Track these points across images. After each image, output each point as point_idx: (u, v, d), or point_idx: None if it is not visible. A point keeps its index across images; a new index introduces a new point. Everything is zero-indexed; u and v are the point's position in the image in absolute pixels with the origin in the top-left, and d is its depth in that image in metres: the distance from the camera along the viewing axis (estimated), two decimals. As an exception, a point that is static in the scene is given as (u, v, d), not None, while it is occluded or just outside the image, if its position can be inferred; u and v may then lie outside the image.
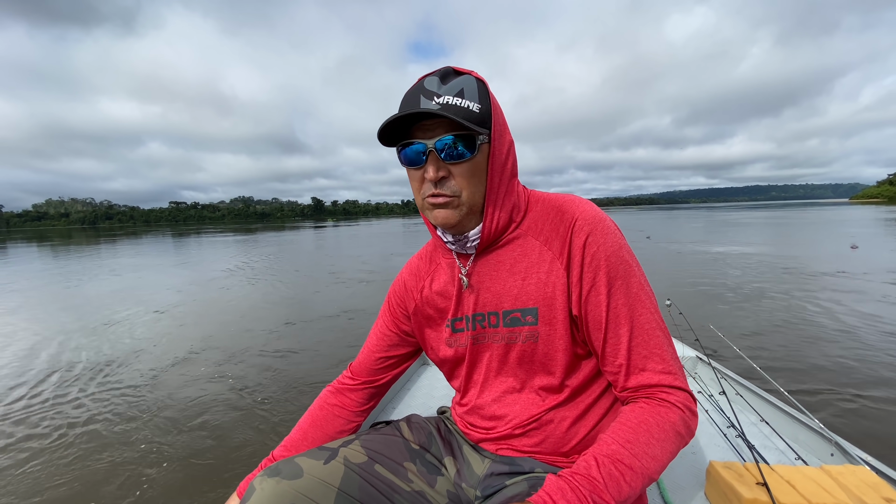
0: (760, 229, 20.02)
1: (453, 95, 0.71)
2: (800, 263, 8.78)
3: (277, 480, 0.79)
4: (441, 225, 0.80)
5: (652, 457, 0.68)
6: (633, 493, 0.66)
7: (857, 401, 2.78)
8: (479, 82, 0.75)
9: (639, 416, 0.72)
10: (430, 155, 0.74)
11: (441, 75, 0.74)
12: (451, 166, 0.75)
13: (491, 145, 0.76)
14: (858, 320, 4.52)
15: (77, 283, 9.88)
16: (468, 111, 0.72)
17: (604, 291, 0.76)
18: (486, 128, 0.75)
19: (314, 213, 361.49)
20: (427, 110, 0.70)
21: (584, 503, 0.62)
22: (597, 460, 0.67)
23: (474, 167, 0.75)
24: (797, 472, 1.00)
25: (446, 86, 0.72)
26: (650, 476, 0.68)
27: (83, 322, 5.86)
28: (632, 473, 0.66)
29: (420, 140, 0.74)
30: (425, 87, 0.73)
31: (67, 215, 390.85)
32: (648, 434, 0.69)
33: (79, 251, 21.54)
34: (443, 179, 0.76)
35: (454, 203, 0.77)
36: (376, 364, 1.03)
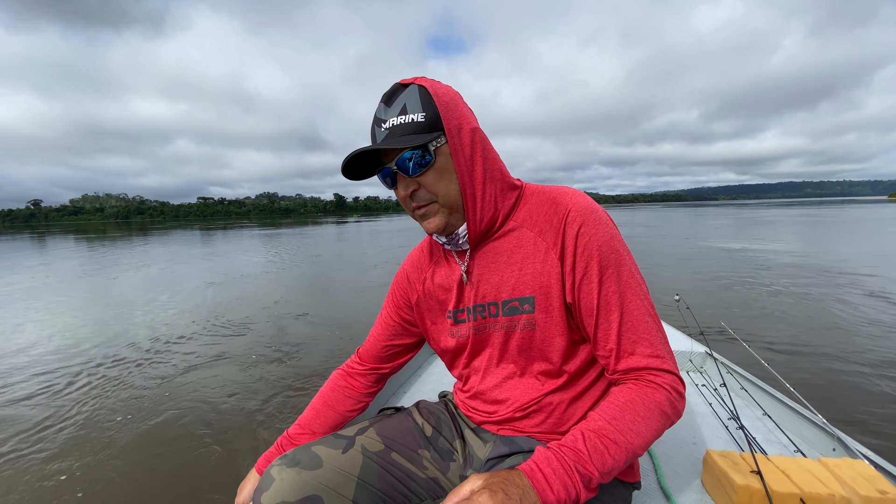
0: (785, 228, 19.29)
1: (397, 115, 0.77)
2: (828, 263, 8.48)
3: (297, 471, 0.82)
4: (433, 232, 0.85)
5: (636, 433, 0.71)
6: (616, 466, 0.70)
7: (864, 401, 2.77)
8: (421, 89, 0.78)
9: (626, 395, 0.75)
10: (396, 176, 0.81)
11: (386, 99, 0.79)
12: (418, 178, 0.80)
13: (449, 143, 0.79)
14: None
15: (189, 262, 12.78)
16: (413, 124, 0.76)
17: (595, 279, 0.79)
18: (438, 129, 0.78)
19: (336, 209, 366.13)
20: (370, 147, 0.76)
21: (569, 472, 0.67)
22: (583, 434, 0.71)
23: (439, 170, 0.79)
24: (793, 463, 1.01)
25: (391, 108, 0.78)
26: (634, 451, 0.71)
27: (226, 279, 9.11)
28: (616, 447, 0.70)
29: (386, 165, 0.80)
30: (377, 116, 0.79)
31: (102, 210, 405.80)
32: (634, 412, 0.73)
33: (151, 242, 23.22)
34: (415, 192, 0.81)
35: (433, 209, 0.82)
36: (382, 352, 1.08)
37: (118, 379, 3.70)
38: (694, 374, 1.84)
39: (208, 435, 2.69)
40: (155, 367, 3.95)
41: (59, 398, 3.33)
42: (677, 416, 0.78)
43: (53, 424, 2.91)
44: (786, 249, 10.94)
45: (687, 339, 2.07)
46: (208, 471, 2.34)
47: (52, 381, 3.68)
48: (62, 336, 5.10)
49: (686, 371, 1.88)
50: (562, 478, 0.66)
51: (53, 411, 3.10)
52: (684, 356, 1.91)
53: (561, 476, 0.66)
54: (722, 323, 2.67)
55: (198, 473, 2.32)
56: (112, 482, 2.26)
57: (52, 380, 3.72)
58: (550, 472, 0.67)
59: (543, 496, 0.64)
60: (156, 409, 3.07)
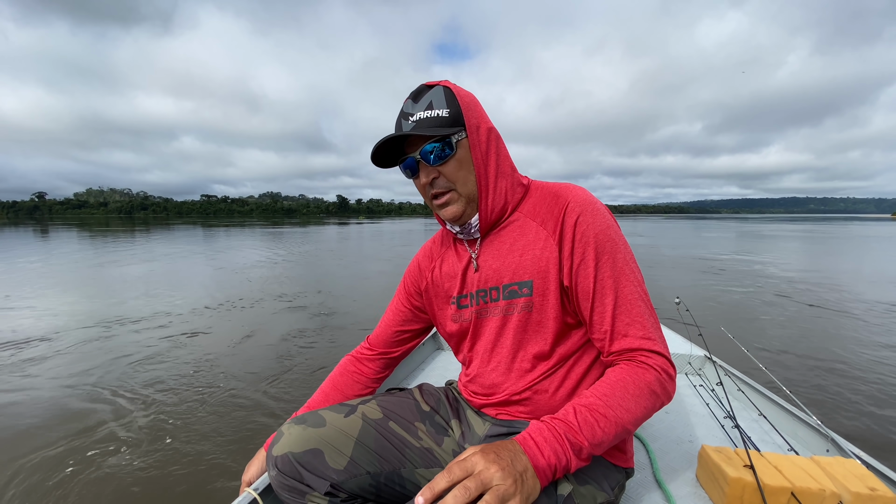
0: (788, 244, 19.31)
1: (424, 110, 0.84)
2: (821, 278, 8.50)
3: (303, 427, 0.91)
4: (450, 219, 0.92)
5: (626, 409, 0.75)
6: (606, 439, 0.73)
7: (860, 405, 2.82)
8: (446, 90, 0.85)
9: (618, 374, 0.79)
10: (419, 164, 0.88)
11: (413, 96, 0.86)
12: (439, 168, 0.87)
13: (469, 138, 0.86)
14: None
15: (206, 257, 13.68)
16: (438, 118, 0.84)
17: (592, 265, 0.84)
18: (460, 125, 0.85)
19: (339, 211, 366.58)
20: (400, 133, 0.84)
21: (559, 440, 0.70)
22: (574, 409, 0.75)
23: (459, 162, 0.87)
24: (786, 460, 1.03)
25: (418, 104, 0.85)
26: (624, 426, 0.75)
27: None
28: (605, 421, 0.73)
29: (409, 155, 0.88)
30: (403, 111, 0.86)
31: (106, 204, 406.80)
32: (624, 390, 0.77)
33: (171, 238, 23.53)
34: (434, 180, 0.88)
35: (453, 197, 0.89)
36: (392, 337, 1.15)
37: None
38: (693, 375, 1.87)
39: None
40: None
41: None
42: (667, 397, 0.81)
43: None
44: (788, 263, 10.97)
45: (686, 342, 2.10)
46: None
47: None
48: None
49: (685, 373, 1.91)
50: (552, 445, 0.70)
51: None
52: (683, 358, 1.93)
53: (552, 443, 0.70)
54: (722, 328, 2.71)
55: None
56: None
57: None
58: (542, 440, 0.70)
59: (535, 461, 0.68)
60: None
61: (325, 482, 0.87)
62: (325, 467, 0.87)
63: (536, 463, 0.68)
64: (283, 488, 0.89)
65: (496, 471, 0.63)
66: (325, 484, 0.87)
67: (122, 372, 3.63)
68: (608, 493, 0.85)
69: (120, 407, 2.96)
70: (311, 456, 0.88)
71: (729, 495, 0.98)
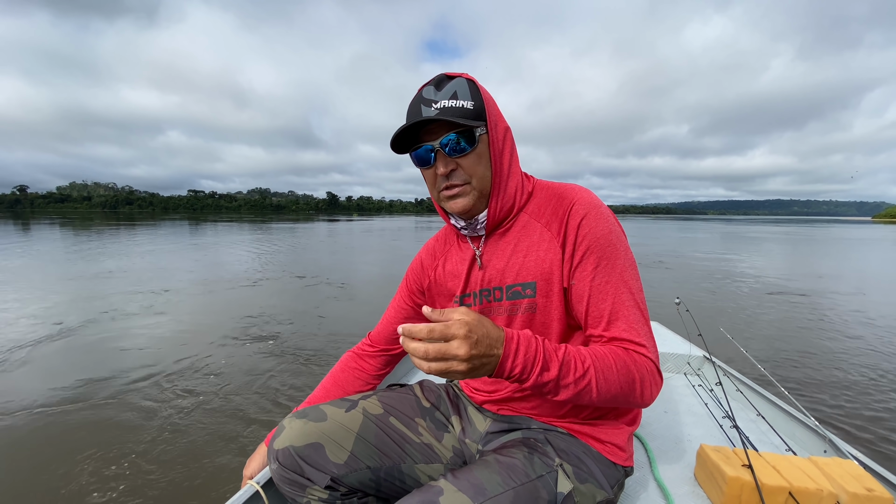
0: (780, 246, 19.66)
1: (448, 99, 0.81)
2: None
3: (304, 421, 0.91)
4: (459, 213, 0.89)
5: (606, 379, 0.75)
6: (575, 389, 0.74)
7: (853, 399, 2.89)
8: (469, 82, 0.84)
9: (612, 350, 0.79)
10: (437, 153, 0.85)
11: (436, 83, 0.83)
12: (457, 160, 0.85)
13: (489, 134, 0.85)
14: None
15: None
16: (463, 109, 0.81)
17: (590, 268, 0.84)
18: (482, 120, 0.83)
19: (329, 208, 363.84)
20: (427, 118, 0.80)
21: (538, 359, 0.71)
22: (566, 349, 0.76)
23: (477, 157, 0.85)
24: (784, 460, 1.03)
25: (441, 91, 0.82)
26: (596, 389, 0.75)
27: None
28: (584, 376, 0.74)
29: (427, 142, 0.85)
30: (424, 97, 0.83)
31: (90, 198, 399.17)
32: (614, 362, 0.77)
33: (175, 233, 23.17)
34: (452, 172, 0.86)
35: (466, 190, 0.87)
36: (393, 334, 1.13)
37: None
38: (691, 375, 1.88)
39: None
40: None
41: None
42: (643, 398, 0.81)
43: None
44: (781, 266, 11.15)
45: (685, 342, 2.11)
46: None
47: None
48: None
49: (684, 373, 1.93)
50: (528, 357, 0.71)
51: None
52: (682, 359, 1.95)
53: (530, 356, 0.71)
54: (721, 329, 2.74)
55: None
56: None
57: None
58: (524, 348, 0.71)
59: (503, 362, 0.70)
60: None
61: (325, 476, 0.87)
62: (326, 461, 0.88)
63: (503, 364, 0.70)
64: (283, 482, 0.89)
65: (464, 353, 0.64)
66: (325, 478, 0.87)
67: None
68: (608, 491, 0.85)
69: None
70: (311, 450, 0.88)
71: (727, 494, 0.98)
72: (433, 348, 0.64)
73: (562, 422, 0.93)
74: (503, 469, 0.78)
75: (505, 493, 0.73)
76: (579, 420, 0.93)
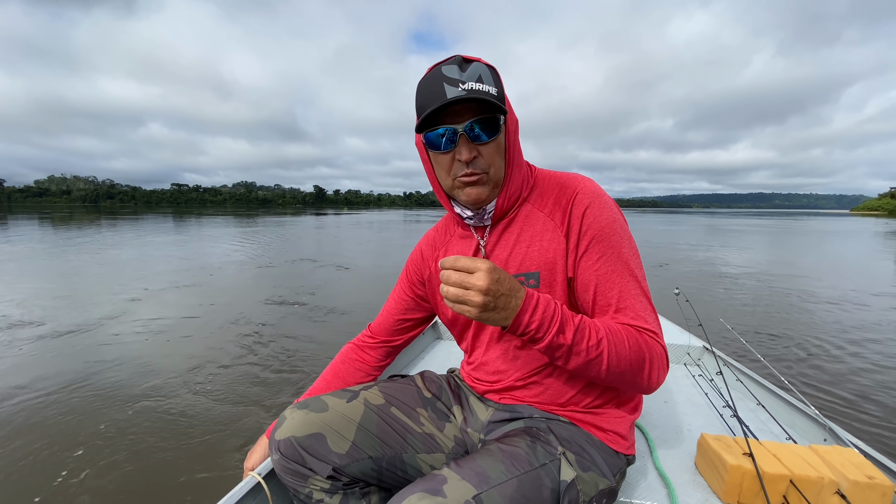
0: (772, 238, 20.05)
1: (475, 81, 0.77)
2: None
3: (306, 412, 0.91)
4: (474, 202, 0.87)
5: (617, 353, 0.77)
6: (585, 356, 0.76)
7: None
8: (490, 68, 0.81)
9: (626, 329, 0.80)
10: (461, 138, 0.81)
11: (458, 63, 0.79)
12: (479, 147, 0.82)
13: (506, 124, 0.84)
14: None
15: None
16: (490, 94, 0.78)
17: (595, 257, 0.84)
18: (504, 109, 0.81)
19: (316, 202, 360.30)
20: (458, 98, 0.75)
21: (555, 320, 0.74)
22: (582, 317, 0.78)
23: (498, 146, 0.84)
24: (784, 448, 1.04)
25: (466, 73, 0.78)
26: (607, 361, 0.76)
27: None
28: (597, 344, 0.76)
29: (448, 125, 0.80)
30: (447, 76, 0.77)
31: (69, 192, 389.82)
32: (626, 338, 0.78)
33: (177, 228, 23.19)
34: (474, 159, 0.83)
35: (484, 179, 0.85)
36: (394, 325, 1.14)
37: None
38: (692, 366, 1.90)
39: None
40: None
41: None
42: (650, 380, 0.82)
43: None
44: (779, 258, 11.39)
45: (685, 332, 2.13)
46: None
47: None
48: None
49: (684, 363, 1.94)
50: (546, 316, 0.73)
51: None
52: (682, 349, 1.96)
53: (548, 315, 0.73)
54: (721, 320, 2.78)
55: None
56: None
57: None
58: (543, 307, 0.74)
59: (521, 315, 0.72)
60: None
61: (327, 466, 0.87)
62: (328, 451, 0.88)
63: (520, 316, 0.72)
64: (285, 472, 0.89)
65: (483, 284, 0.68)
66: (327, 468, 0.87)
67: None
68: (610, 479, 0.85)
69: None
70: (313, 440, 0.88)
71: (728, 483, 0.98)
72: (456, 274, 0.70)
73: (564, 410, 0.93)
74: (506, 457, 0.78)
75: (508, 482, 0.73)
76: (581, 409, 0.93)
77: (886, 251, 13.61)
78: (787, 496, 0.94)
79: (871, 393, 2.97)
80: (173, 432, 2.44)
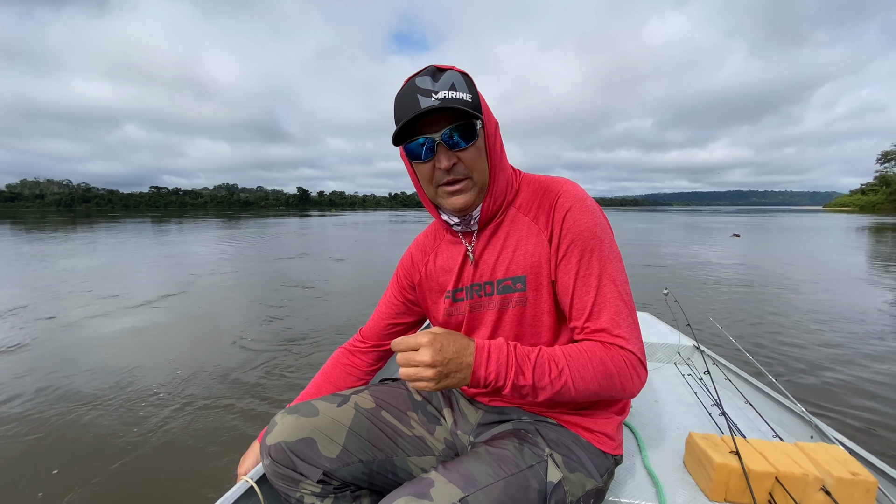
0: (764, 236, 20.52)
1: (448, 90, 0.78)
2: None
3: (296, 417, 0.91)
4: (459, 210, 0.88)
5: (581, 377, 0.78)
6: (551, 390, 0.77)
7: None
8: (463, 75, 0.82)
9: (588, 346, 0.82)
10: (439, 147, 0.82)
11: (431, 74, 0.80)
12: (458, 153, 0.83)
13: (484, 128, 0.84)
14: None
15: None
16: (464, 101, 0.79)
17: (574, 260, 0.85)
18: (480, 113, 0.82)
19: (300, 203, 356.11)
20: (432, 107, 0.76)
21: (511, 364, 0.75)
22: (539, 351, 0.79)
23: (477, 150, 0.84)
24: (770, 446, 1.05)
25: (438, 82, 0.79)
26: (573, 387, 0.78)
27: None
28: (558, 375, 0.77)
29: (426, 135, 0.81)
30: (420, 87, 0.79)
31: (43, 196, 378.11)
32: (588, 359, 0.79)
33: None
34: (454, 166, 0.84)
35: (468, 185, 0.86)
36: (385, 330, 1.14)
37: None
38: (681, 365, 1.91)
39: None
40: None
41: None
42: (625, 391, 0.83)
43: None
44: (766, 254, 11.64)
45: (674, 332, 2.14)
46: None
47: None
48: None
49: (673, 362, 1.96)
50: (501, 364, 0.74)
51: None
52: (672, 349, 1.97)
53: (503, 364, 0.74)
54: (710, 319, 2.80)
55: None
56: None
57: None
58: (496, 355, 0.75)
59: (476, 370, 0.74)
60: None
61: (317, 470, 0.88)
62: (318, 456, 0.88)
63: (476, 371, 0.73)
64: (276, 476, 0.90)
65: (428, 359, 0.70)
66: (317, 472, 0.88)
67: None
68: (597, 479, 0.86)
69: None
70: (303, 445, 0.88)
71: (715, 481, 0.99)
72: (403, 356, 0.73)
73: (552, 412, 0.95)
74: (493, 460, 0.79)
75: (495, 484, 0.75)
76: (569, 410, 0.94)
77: (855, 246, 13.99)
78: (773, 493, 0.95)
79: (851, 384, 3.06)
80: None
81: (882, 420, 2.57)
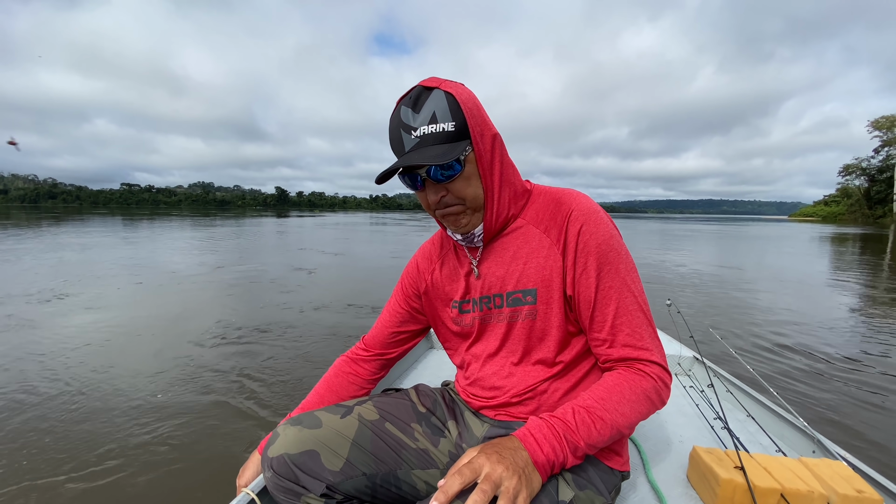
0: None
1: (427, 124, 0.78)
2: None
3: (299, 429, 0.90)
4: (461, 234, 0.90)
5: (621, 413, 0.78)
6: (601, 440, 0.77)
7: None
8: (448, 96, 0.78)
9: (615, 379, 0.82)
10: (426, 182, 0.84)
11: (413, 102, 0.79)
12: (447, 185, 0.83)
13: (475, 150, 0.82)
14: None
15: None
16: (444, 133, 0.78)
17: (593, 274, 0.85)
18: (466, 138, 0.80)
19: (278, 204, 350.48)
20: (409, 164, 0.77)
21: (557, 438, 0.73)
22: (573, 409, 0.78)
23: (466, 177, 0.83)
24: (775, 461, 1.05)
25: (420, 115, 0.78)
26: (618, 429, 0.78)
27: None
28: (602, 423, 0.76)
29: (412, 172, 0.83)
30: (403, 122, 0.79)
31: (6, 192, 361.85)
32: (621, 395, 0.80)
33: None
34: (443, 198, 0.85)
35: (460, 210, 0.86)
36: (388, 338, 1.14)
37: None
38: (682, 376, 1.90)
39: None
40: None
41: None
42: (661, 403, 0.85)
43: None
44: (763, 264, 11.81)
45: (676, 343, 2.13)
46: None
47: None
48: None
49: (675, 374, 1.95)
50: (551, 442, 0.73)
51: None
52: (673, 359, 1.96)
53: (550, 441, 0.73)
54: (711, 330, 2.79)
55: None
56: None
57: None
58: (541, 436, 0.73)
59: (534, 456, 0.71)
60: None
61: (320, 483, 0.86)
62: (321, 468, 0.87)
63: (536, 458, 0.71)
64: (278, 490, 0.88)
65: (503, 470, 0.66)
66: (320, 485, 0.86)
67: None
68: (605, 496, 0.85)
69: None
70: (306, 457, 0.87)
71: (720, 496, 0.98)
72: (483, 485, 0.64)
73: None
74: None
75: None
76: None
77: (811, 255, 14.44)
78: (779, 510, 0.95)
79: (850, 393, 3.07)
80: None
81: (886, 435, 2.52)
